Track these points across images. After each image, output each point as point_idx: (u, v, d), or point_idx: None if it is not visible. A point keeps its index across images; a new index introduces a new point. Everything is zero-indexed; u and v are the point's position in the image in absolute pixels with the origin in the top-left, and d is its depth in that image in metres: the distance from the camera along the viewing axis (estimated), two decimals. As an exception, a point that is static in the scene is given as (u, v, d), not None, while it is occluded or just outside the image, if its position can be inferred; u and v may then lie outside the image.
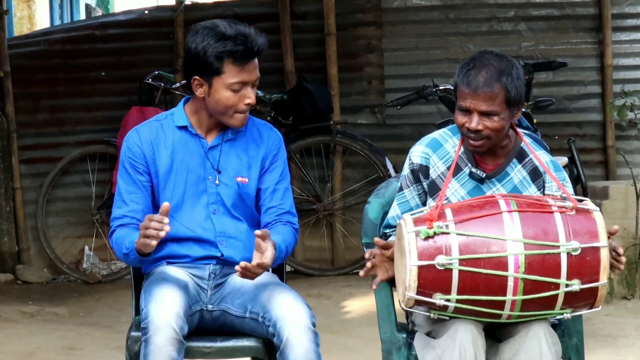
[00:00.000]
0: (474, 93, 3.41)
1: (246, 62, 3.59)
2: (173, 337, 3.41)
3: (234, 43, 3.57)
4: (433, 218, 3.25)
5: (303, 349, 3.43)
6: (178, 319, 3.43)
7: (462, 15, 8.08)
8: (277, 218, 3.74)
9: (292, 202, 3.81)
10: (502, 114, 3.44)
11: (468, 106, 3.44)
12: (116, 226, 3.71)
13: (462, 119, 3.47)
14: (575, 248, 3.22)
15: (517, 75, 3.45)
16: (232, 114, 3.66)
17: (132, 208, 3.70)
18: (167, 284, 3.57)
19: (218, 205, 3.72)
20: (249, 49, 3.58)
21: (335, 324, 6.22)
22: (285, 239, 3.66)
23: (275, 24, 7.94)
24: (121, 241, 3.65)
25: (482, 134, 3.45)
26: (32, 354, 5.62)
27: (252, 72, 3.62)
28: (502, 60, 3.45)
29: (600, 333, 5.85)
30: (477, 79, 3.41)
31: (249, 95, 3.63)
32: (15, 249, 7.85)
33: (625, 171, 7.45)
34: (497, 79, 3.41)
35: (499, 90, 3.41)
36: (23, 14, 15.02)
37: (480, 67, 3.42)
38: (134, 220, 3.69)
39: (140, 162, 3.71)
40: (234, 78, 3.60)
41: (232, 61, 3.59)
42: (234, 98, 3.63)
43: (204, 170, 3.72)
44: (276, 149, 3.79)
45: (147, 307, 3.47)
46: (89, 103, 8.00)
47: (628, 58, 8.12)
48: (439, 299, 3.24)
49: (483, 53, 3.49)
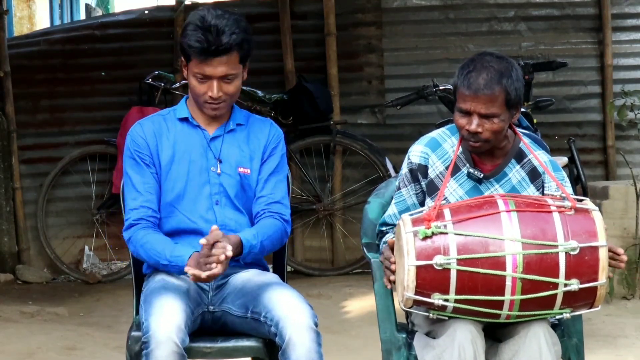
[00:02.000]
0: (475, 95, 3.41)
1: (207, 58, 3.61)
2: (175, 351, 3.39)
3: (196, 38, 3.60)
4: (431, 218, 3.25)
5: (305, 349, 3.42)
6: (179, 332, 3.42)
7: (462, 15, 8.08)
8: (267, 207, 3.73)
9: (285, 195, 3.79)
10: (502, 115, 3.44)
11: (468, 108, 3.44)
12: (135, 220, 3.69)
13: (462, 120, 3.47)
14: (574, 247, 3.22)
15: (516, 76, 3.45)
16: (202, 103, 3.69)
17: (147, 198, 3.70)
18: (167, 293, 3.54)
19: (221, 195, 3.73)
20: (206, 48, 3.59)
21: (335, 324, 6.22)
22: (262, 232, 3.65)
23: (275, 24, 7.94)
24: (157, 248, 3.62)
25: (482, 136, 3.45)
26: (32, 354, 5.62)
27: (215, 68, 3.62)
28: (502, 62, 3.45)
29: (600, 333, 5.85)
30: (477, 81, 3.41)
31: (211, 89, 3.64)
32: (15, 249, 7.85)
33: (625, 171, 7.45)
34: (498, 81, 3.41)
35: (499, 93, 3.42)
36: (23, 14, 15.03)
37: (480, 70, 3.42)
38: (150, 211, 3.68)
39: (146, 153, 3.73)
40: (196, 69, 3.64)
41: (195, 54, 3.62)
42: (200, 87, 3.66)
43: (207, 160, 3.74)
44: (276, 142, 3.81)
45: (148, 320, 3.44)
46: (89, 103, 8.00)
47: (628, 58, 8.11)
48: (437, 299, 3.24)
49: (483, 55, 3.49)
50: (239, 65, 3.67)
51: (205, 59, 3.61)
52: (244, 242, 3.60)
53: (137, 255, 3.72)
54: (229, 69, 3.63)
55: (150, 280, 3.72)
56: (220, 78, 3.64)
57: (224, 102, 3.68)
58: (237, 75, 3.67)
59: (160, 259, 3.62)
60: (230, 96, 3.68)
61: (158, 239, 3.65)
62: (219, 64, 3.62)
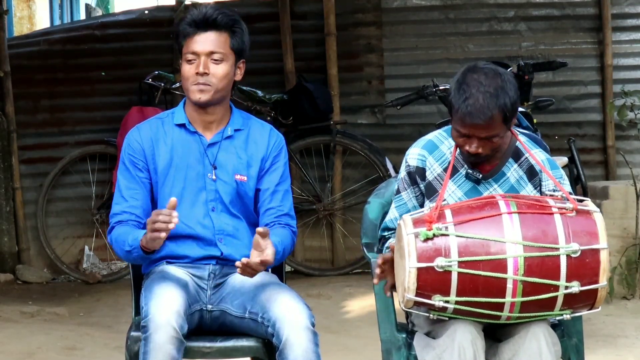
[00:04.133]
0: (473, 124, 3.38)
1: (196, 32, 3.67)
2: (173, 335, 3.41)
3: (188, 18, 3.70)
4: (432, 220, 3.25)
5: (302, 349, 3.43)
6: (178, 317, 3.44)
7: (462, 15, 8.08)
8: (276, 220, 3.75)
9: (292, 205, 3.81)
10: (500, 133, 3.42)
11: (467, 133, 3.42)
12: (115, 222, 3.72)
13: (461, 140, 3.45)
14: (575, 250, 3.21)
15: (509, 87, 3.41)
16: (189, 87, 3.70)
17: (131, 204, 3.71)
18: (168, 282, 3.57)
19: (217, 202, 3.73)
20: (194, 20, 3.67)
21: (335, 324, 6.22)
22: (282, 241, 3.66)
23: (275, 24, 7.94)
24: (123, 238, 3.65)
25: (482, 154, 3.44)
26: (32, 354, 5.62)
27: (204, 42, 3.66)
28: (494, 79, 3.40)
29: (600, 333, 5.85)
30: (475, 107, 3.35)
31: (198, 67, 3.66)
32: (15, 249, 7.85)
33: (625, 171, 7.45)
34: (495, 105, 3.36)
35: (497, 114, 3.37)
36: (23, 14, 15.03)
37: (476, 95, 3.36)
38: (133, 216, 3.70)
39: (140, 158, 3.74)
40: (187, 48, 3.68)
41: (186, 34, 3.68)
42: (189, 69, 3.68)
43: (203, 167, 3.74)
44: (277, 150, 3.81)
45: (148, 305, 3.47)
46: (89, 103, 8.00)
47: (628, 58, 8.11)
48: (438, 301, 3.23)
49: (472, 73, 3.41)
50: (229, 51, 3.69)
51: (194, 33, 3.67)
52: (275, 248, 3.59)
53: (117, 254, 3.75)
54: (217, 47, 3.67)
55: (150, 274, 3.74)
56: (208, 55, 3.66)
57: (210, 85, 3.67)
58: (226, 58, 3.68)
59: (124, 246, 3.64)
60: (217, 80, 3.68)
61: (125, 230, 3.67)
62: (206, 40, 3.67)
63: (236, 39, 3.70)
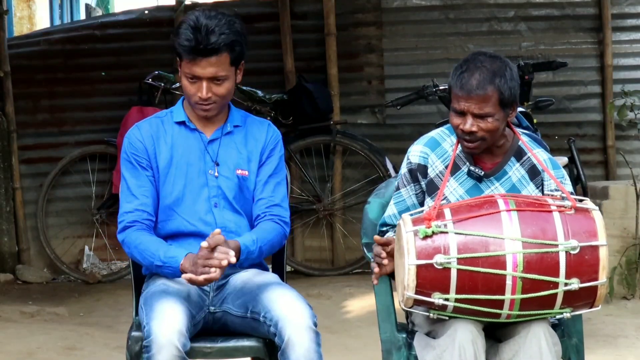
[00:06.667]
0: (467, 96, 3.42)
1: (195, 58, 3.59)
2: (176, 355, 3.39)
3: (185, 37, 3.60)
4: (431, 217, 3.25)
5: (304, 349, 3.42)
6: (181, 336, 3.41)
7: (462, 15, 8.08)
8: (267, 211, 3.73)
9: (285, 197, 3.79)
10: (496, 115, 3.44)
11: (462, 108, 3.44)
12: (129, 222, 3.68)
13: (457, 120, 3.48)
14: (574, 247, 3.22)
15: (510, 76, 3.45)
16: (194, 104, 3.68)
17: (143, 202, 3.70)
18: (168, 297, 3.53)
19: (219, 198, 3.72)
20: (194, 47, 3.58)
21: (335, 324, 6.22)
22: (261, 237, 3.65)
23: (275, 24, 7.94)
24: (148, 248, 3.62)
25: (477, 135, 3.46)
26: (32, 354, 5.62)
27: (204, 68, 3.60)
28: (495, 62, 3.45)
29: (600, 333, 5.85)
30: (470, 82, 3.41)
31: (200, 90, 3.62)
32: (15, 249, 7.85)
33: (625, 171, 7.45)
34: (490, 81, 3.41)
35: (492, 93, 3.42)
36: (23, 14, 15.03)
37: (473, 70, 3.43)
38: (145, 214, 3.68)
39: (143, 156, 3.73)
40: (187, 69, 3.63)
41: (184, 53, 3.61)
42: (191, 87, 3.65)
43: (204, 163, 3.73)
44: (273, 143, 3.80)
45: (149, 324, 3.43)
46: (89, 103, 8.00)
47: (628, 58, 8.12)
48: (437, 299, 3.24)
49: (476, 55, 3.49)
50: (230, 67, 3.64)
51: (194, 59, 3.60)
52: (242, 248, 3.59)
53: (132, 256, 3.71)
54: (219, 71, 3.61)
55: (150, 283, 3.71)
56: (210, 79, 3.62)
57: (214, 103, 3.66)
58: (228, 77, 3.65)
59: (154, 259, 3.61)
60: (220, 98, 3.66)
61: (152, 240, 3.65)
62: (207, 65, 3.60)
63: (235, 53, 3.64)
